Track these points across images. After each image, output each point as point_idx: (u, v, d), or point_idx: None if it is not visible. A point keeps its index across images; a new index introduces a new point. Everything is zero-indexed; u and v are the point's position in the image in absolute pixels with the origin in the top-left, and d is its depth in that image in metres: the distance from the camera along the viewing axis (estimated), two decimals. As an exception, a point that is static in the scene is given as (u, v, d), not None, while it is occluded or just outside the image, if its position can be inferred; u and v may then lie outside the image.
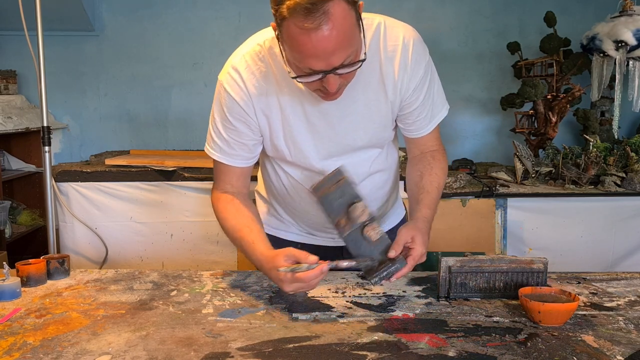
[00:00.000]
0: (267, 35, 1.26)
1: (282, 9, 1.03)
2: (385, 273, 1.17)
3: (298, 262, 1.15)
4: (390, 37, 1.25)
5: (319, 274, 1.13)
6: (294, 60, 1.10)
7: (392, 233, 1.28)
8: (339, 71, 1.10)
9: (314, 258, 1.14)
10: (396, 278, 1.18)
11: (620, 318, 1.15)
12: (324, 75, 1.10)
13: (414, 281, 1.39)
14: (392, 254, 1.17)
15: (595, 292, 1.32)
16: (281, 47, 1.12)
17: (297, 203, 1.44)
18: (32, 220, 3.37)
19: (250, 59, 1.26)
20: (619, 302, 1.24)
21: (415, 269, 1.60)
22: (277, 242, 1.52)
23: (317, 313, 1.17)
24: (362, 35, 1.11)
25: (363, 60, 1.13)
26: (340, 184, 1.21)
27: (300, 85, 1.22)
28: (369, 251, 1.19)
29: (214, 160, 1.36)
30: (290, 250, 1.18)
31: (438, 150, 1.46)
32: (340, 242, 1.43)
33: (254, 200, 1.58)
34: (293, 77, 1.13)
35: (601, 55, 2.97)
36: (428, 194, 1.40)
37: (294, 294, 1.24)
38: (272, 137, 1.31)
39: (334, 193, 1.20)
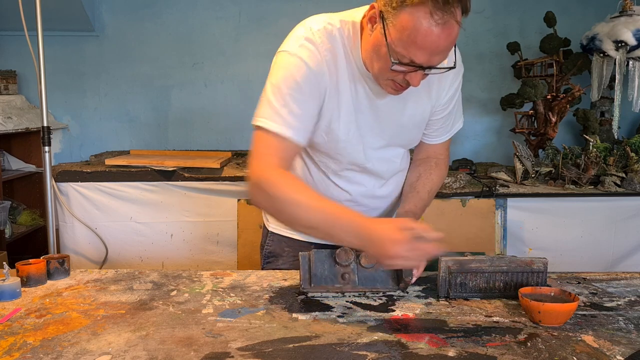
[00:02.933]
0: (335, 17, 1.26)
1: None
2: (408, 278, 1.25)
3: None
4: None
5: (437, 250, 1.10)
6: (400, 47, 1.10)
7: None
8: (432, 71, 1.14)
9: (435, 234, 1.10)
10: (417, 275, 1.26)
11: (620, 318, 1.15)
12: (417, 69, 1.12)
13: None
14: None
15: (595, 292, 1.32)
16: (386, 31, 1.11)
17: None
18: (32, 220, 3.36)
19: (322, 36, 1.23)
20: (619, 302, 1.25)
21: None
22: (289, 242, 1.52)
23: (317, 313, 1.17)
24: (455, 43, 1.13)
25: (452, 68, 1.16)
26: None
27: (368, 72, 1.22)
28: (379, 275, 1.28)
29: (268, 133, 1.21)
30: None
31: (443, 160, 1.51)
32: None
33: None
34: (393, 63, 1.11)
35: (601, 55, 2.97)
36: (417, 193, 1.44)
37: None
38: (332, 119, 1.28)
39: (320, 266, 1.27)
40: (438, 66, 1.14)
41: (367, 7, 1.24)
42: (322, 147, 1.35)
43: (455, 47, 1.15)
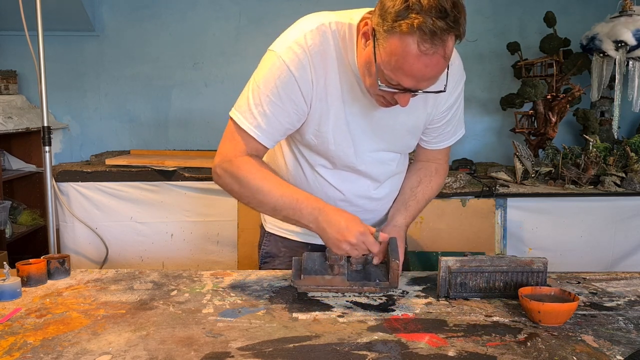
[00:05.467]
0: (332, 18, 1.24)
1: (401, 23, 1.02)
2: (395, 262, 1.26)
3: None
4: None
5: (382, 252, 1.25)
6: (387, 70, 1.10)
7: None
8: (418, 93, 1.14)
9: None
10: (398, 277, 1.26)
11: (620, 318, 1.15)
12: (405, 92, 1.13)
13: (414, 281, 1.39)
14: (375, 260, 1.30)
15: (595, 292, 1.32)
16: (376, 51, 1.11)
17: (317, 196, 1.40)
18: (33, 220, 3.36)
19: (314, 38, 1.22)
20: (619, 302, 1.25)
21: (415, 268, 1.62)
22: (285, 243, 1.53)
23: (317, 313, 1.17)
24: (446, 67, 1.12)
25: (442, 91, 1.16)
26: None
27: (362, 81, 1.22)
28: (369, 272, 1.29)
29: (239, 128, 1.27)
30: None
31: (443, 167, 1.53)
32: None
33: None
34: (379, 85, 1.12)
35: (601, 55, 2.97)
36: (417, 203, 1.47)
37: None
38: (321, 122, 1.28)
39: (310, 262, 1.30)
40: (427, 90, 1.13)
41: (365, 10, 1.23)
42: (313, 149, 1.36)
43: (447, 70, 1.13)
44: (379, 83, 1.12)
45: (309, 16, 1.27)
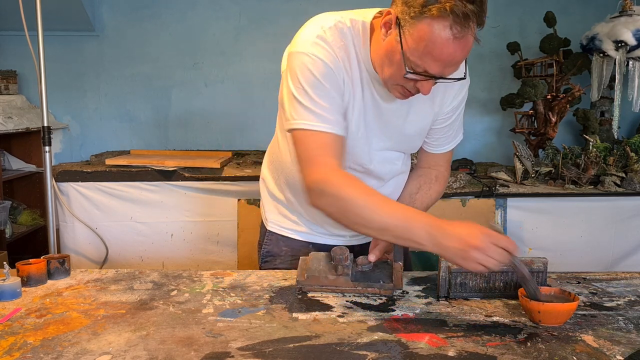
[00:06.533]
0: (346, 16, 1.26)
1: (431, 8, 1.04)
2: (398, 264, 1.26)
3: None
4: None
5: (514, 247, 1.08)
6: (415, 56, 1.10)
7: None
8: (443, 80, 1.14)
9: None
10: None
11: (620, 318, 1.15)
12: (429, 78, 1.13)
13: (414, 281, 1.39)
14: (371, 257, 1.29)
15: (595, 292, 1.32)
16: (402, 39, 1.10)
17: None
18: (33, 220, 3.36)
19: (333, 34, 1.23)
20: (619, 302, 1.25)
21: (415, 268, 1.61)
22: (287, 242, 1.52)
23: (317, 313, 1.17)
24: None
25: (463, 79, 1.17)
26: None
27: (376, 74, 1.22)
28: (374, 275, 1.29)
29: (311, 134, 1.20)
30: None
31: (443, 174, 1.52)
32: (350, 242, 1.48)
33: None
34: (407, 72, 1.12)
35: (601, 55, 2.97)
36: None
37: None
38: (348, 112, 1.28)
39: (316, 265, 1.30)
40: (449, 76, 1.14)
41: (376, 9, 1.25)
42: None
43: (465, 59, 1.15)
44: (406, 70, 1.12)
45: (322, 15, 1.28)
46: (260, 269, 1.54)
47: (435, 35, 1.06)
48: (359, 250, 1.46)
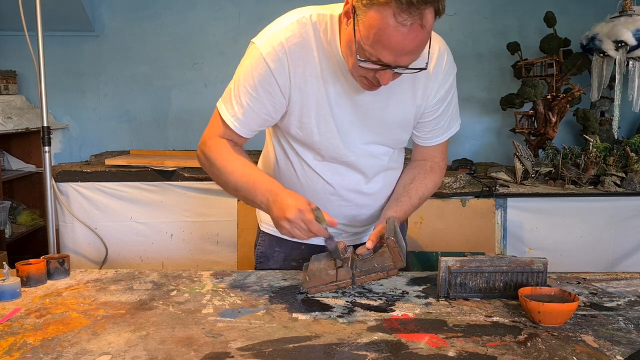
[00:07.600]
0: (313, 10, 1.26)
1: None
2: (391, 239, 1.25)
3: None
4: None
5: (322, 232, 1.19)
6: (367, 45, 1.10)
7: None
8: (400, 70, 1.13)
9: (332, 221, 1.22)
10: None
11: (620, 318, 1.15)
12: (385, 68, 1.12)
13: (414, 281, 1.39)
14: (369, 244, 1.27)
15: (595, 292, 1.32)
16: (355, 27, 1.11)
17: (307, 192, 1.41)
18: (32, 220, 3.36)
19: (294, 31, 1.24)
20: (619, 302, 1.25)
21: (415, 268, 1.61)
22: (280, 242, 1.52)
23: (317, 313, 1.17)
24: (428, 45, 1.13)
25: (423, 69, 1.16)
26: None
27: (347, 67, 1.22)
28: (375, 264, 1.27)
29: (220, 117, 1.34)
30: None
31: (439, 164, 1.50)
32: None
33: None
34: (359, 60, 1.12)
35: (601, 55, 2.97)
36: (410, 199, 1.44)
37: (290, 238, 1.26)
38: (303, 113, 1.30)
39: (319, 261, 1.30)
40: (409, 66, 1.13)
41: None
42: (300, 141, 1.36)
43: (429, 48, 1.13)
44: (359, 59, 1.12)
45: (293, 10, 1.29)
46: (255, 270, 1.54)
47: (383, 22, 1.05)
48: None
